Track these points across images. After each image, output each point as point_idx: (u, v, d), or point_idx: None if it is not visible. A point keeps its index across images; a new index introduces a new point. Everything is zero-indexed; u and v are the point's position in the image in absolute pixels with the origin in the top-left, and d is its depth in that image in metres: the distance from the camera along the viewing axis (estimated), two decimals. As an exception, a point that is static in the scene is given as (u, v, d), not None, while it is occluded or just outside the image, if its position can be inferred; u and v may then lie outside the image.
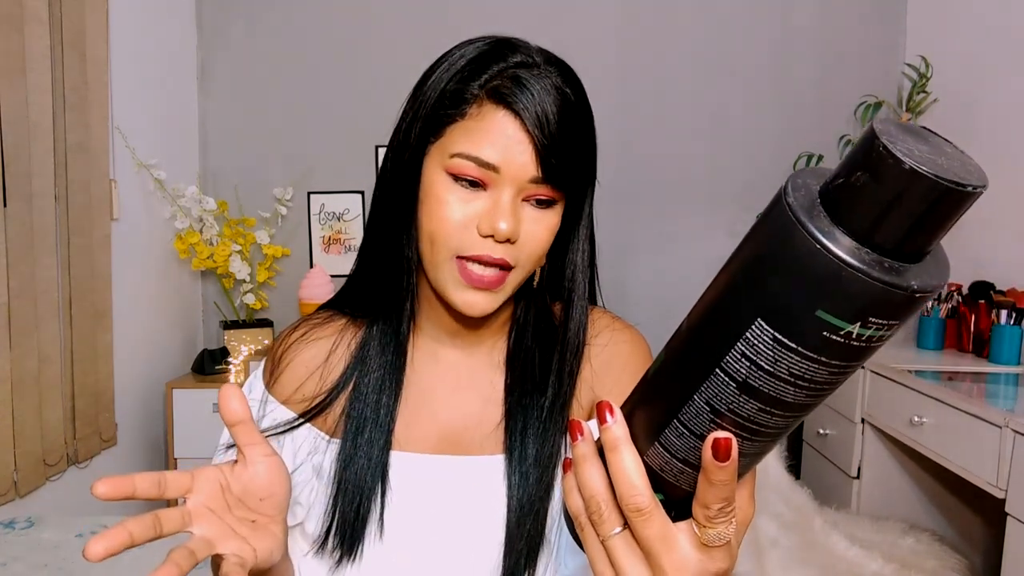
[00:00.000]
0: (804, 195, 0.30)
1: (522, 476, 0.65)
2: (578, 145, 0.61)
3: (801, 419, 0.35)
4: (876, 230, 0.28)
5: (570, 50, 0.72)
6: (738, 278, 0.32)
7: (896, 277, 0.28)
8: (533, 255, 0.62)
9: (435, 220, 0.60)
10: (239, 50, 2.68)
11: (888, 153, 0.27)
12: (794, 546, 1.65)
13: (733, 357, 0.32)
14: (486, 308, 0.62)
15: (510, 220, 0.58)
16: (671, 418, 0.36)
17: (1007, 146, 2.13)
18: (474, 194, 0.60)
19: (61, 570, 1.38)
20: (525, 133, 0.58)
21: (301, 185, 2.68)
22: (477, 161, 0.58)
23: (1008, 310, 1.96)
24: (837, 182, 0.29)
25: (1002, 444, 1.46)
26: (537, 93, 0.58)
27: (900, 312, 0.29)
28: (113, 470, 2.14)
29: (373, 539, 0.65)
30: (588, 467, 0.40)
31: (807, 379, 0.31)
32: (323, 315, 0.73)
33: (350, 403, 0.67)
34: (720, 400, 0.34)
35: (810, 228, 0.29)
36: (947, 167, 0.27)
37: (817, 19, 2.62)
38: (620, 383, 0.70)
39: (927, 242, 0.29)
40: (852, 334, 0.29)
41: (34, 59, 1.71)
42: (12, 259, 1.65)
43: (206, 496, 0.50)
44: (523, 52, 0.60)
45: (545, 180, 0.59)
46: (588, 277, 0.69)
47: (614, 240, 2.68)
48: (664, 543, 0.37)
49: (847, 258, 0.28)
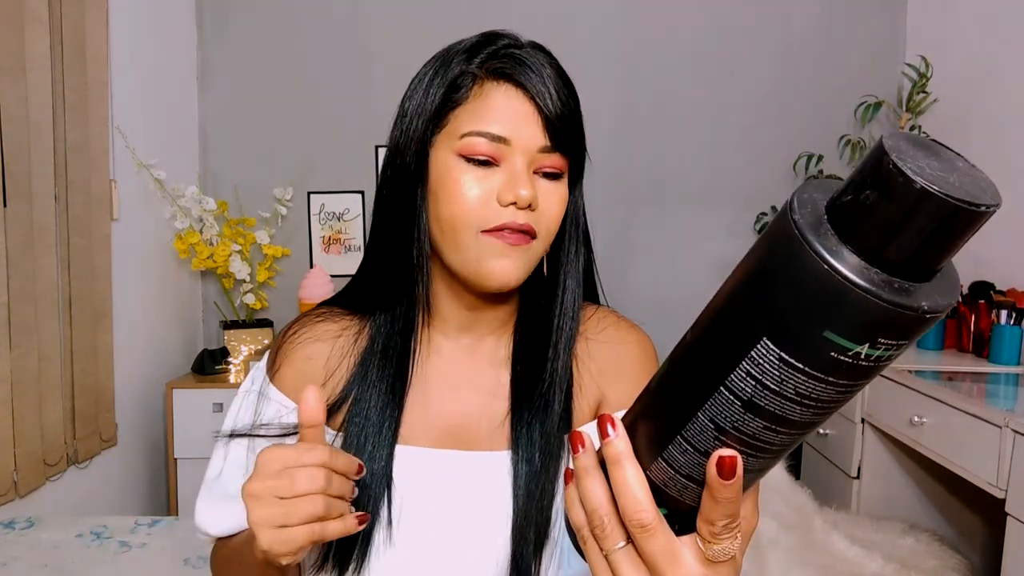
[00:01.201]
0: (810, 212, 0.29)
1: (528, 471, 0.65)
2: (576, 115, 0.64)
3: (807, 435, 0.34)
4: (885, 249, 0.27)
5: (570, 50, 0.73)
6: (743, 295, 0.32)
7: (905, 298, 0.27)
8: (551, 225, 0.64)
9: (455, 201, 0.61)
10: (239, 50, 2.67)
11: (898, 171, 0.26)
12: (794, 546, 1.64)
13: (738, 376, 0.32)
14: (518, 275, 0.62)
15: (529, 187, 0.60)
16: (674, 434, 0.36)
17: (1007, 146, 2.13)
18: (488, 171, 0.61)
19: (61, 570, 1.38)
20: (530, 104, 0.61)
21: (301, 185, 2.67)
22: (488, 136, 0.60)
23: (1008, 310, 1.96)
24: (845, 199, 0.29)
25: (1002, 444, 1.46)
26: (534, 66, 0.61)
27: (909, 332, 0.28)
28: (113, 470, 2.14)
29: (382, 540, 0.65)
30: (590, 480, 0.39)
31: (813, 398, 0.31)
32: (326, 311, 0.73)
33: (354, 406, 0.67)
34: (725, 418, 0.33)
35: (817, 247, 0.28)
36: (959, 184, 0.26)
37: (817, 19, 2.62)
38: (629, 385, 0.70)
39: (937, 261, 0.28)
40: (860, 354, 0.29)
41: (34, 59, 1.71)
42: (12, 259, 1.65)
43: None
44: (510, 38, 0.64)
45: (555, 148, 0.62)
46: (583, 258, 0.70)
47: (614, 240, 2.68)
48: (669, 558, 0.37)
49: (855, 278, 0.27)
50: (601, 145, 2.57)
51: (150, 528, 1.57)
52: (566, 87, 0.63)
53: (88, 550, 1.46)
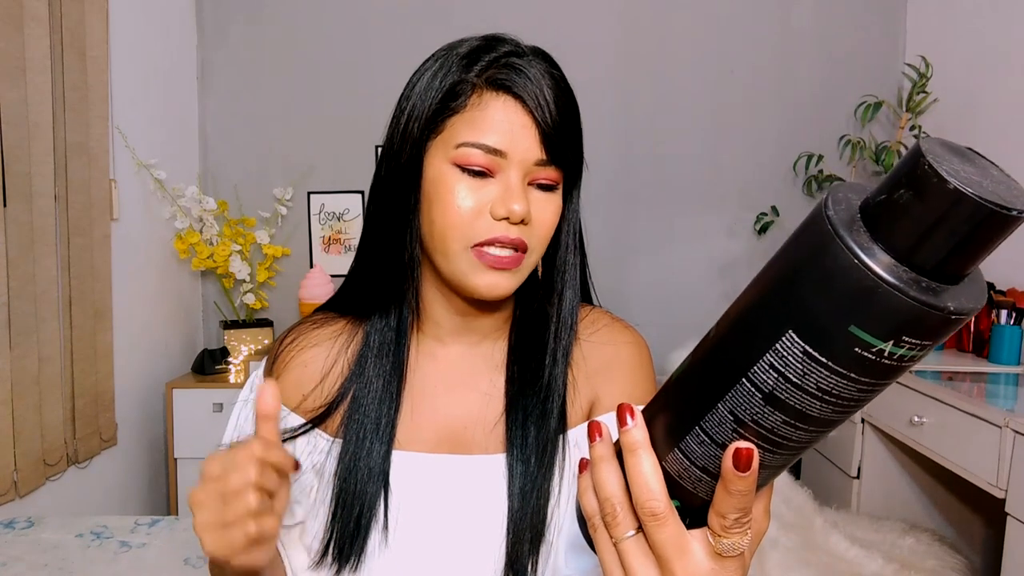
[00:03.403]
0: (844, 209, 0.30)
1: (523, 474, 0.65)
2: (574, 127, 0.63)
3: (825, 435, 0.34)
4: (916, 249, 0.28)
5: (570, 50, 0.73)
6: (772, 288, 0.32)
7: (933, 297, 0.28)
8: (544, 238, 0.64)
9: (447, 211, 0.61)
10: (239, 50, 2.67)
11: (933, 172, 0.27)
12: (794, 546, 1.64)
13: (761, 368, 0.32)
14: (507, 288, 0.62)
15: (523, 201, 0.60)
16: (693, 425, 0.36)
17: (1007, 146, 2.13)
18: (482, 182, 0.61)
19: (61, 570, 1.37)
20: (528, 116, 0.60)
21: (301, 185, 2.68)
22: (484, 148, 0.59)
23: (1008, 310, 1.96)
24: (879, 198, 0.29)
25: (1002, 444, 1.46)
26: (534, 77, 0.60)
27: (934, 333, 0.28)
28: (113, 470, 2.14)
29: (377, 544, 0.65)
30: (605, 468, 0.40)
31: (834, 394, 0.31)
32: (321, 317, 0.73)
33: (350, 410, 0.67)
34: (744, 410, 0.33)
35: (849, 243, 0.28)
36: (992, 190, 0.27)
37: (817, 19, 2.62)
38: (622, 385, 0.70)
39: (967, 264, 0.28)
40: (884, 352, 0.29)
41: (34, 59, 1.71)
42: (12, 259, 1.65)
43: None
44: (511, 44, 0.63)
45: (550, 161, 0.61)
46: (579, 265, 0.70)
47: (614, 240, 2.68)
48: (678, 549, 0.37)
49: (885, 275, 0.28)
50: (601, 145, 2.57)
51: (150, 528, 1.57)
52: (565, 98, 0.62)
53: (88, 550, 1.46)
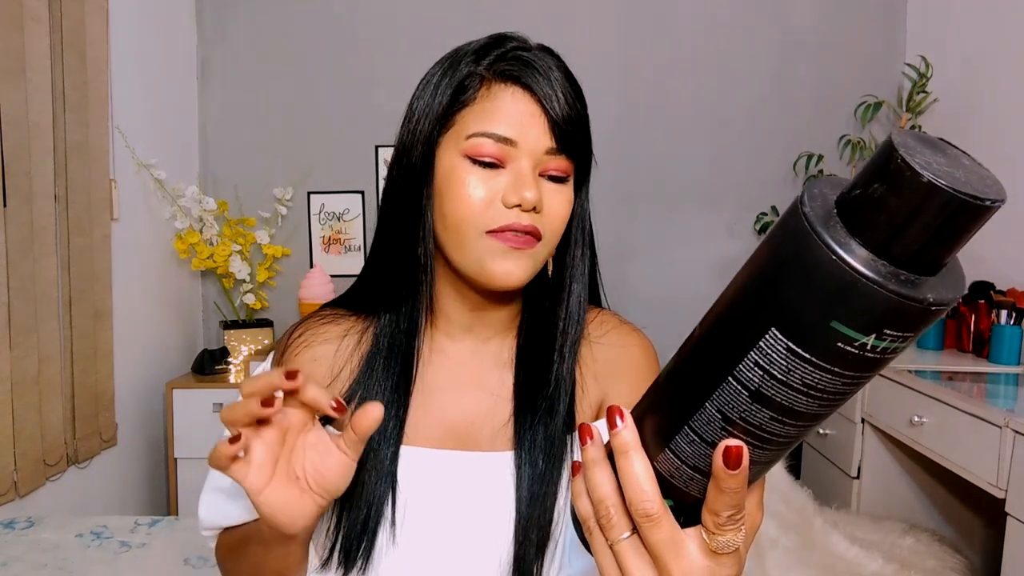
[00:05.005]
0: (820, 205, 0.30)
1: (531, 473, 0.65)
2: (582, 117, 0.64)
3: (813, 428, 0.34)
4: (892, 242, 0.28)
5: (571, 50, 0.73)
6: (752, 286, 0.32)
7: (912, 289, 0.28)
8: (556, 228, 0.64)
9: (460, 202, 0.61)
10: (239, 50, 2.67)
11: (906, 165, 0.27)
12: (794, 546, 1.64)
13: (746, 366, 0.32)
14: (522, 276, 0.62)
15: (534, 188, 0.60)
16: (682, 424, 0.36)
17: (1007, 146, 2.13)
18: (494, 173, 0.61)
19: (61, 570, 1.37)
20: (537, 105, 0.61)
21: (301, 185, 2.68)
22: (495, 137, 0.60)
23: (1008, 310, 1.96)
24: (854, 193, 0.29)
25: (1002, 444, 1.46)
26: (542, 68, 0.61)
27: (915, 324, 0.29)
28: (113, 470, 2.14)
29: (385, 541, 0.65)
30: (597, 471, 0.40)
31: (820, 389, 0.31)
32: (330, 312, 0.73)
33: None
34: (732, 408, 0.34)
35: (826, 238, 0.29)
36: (965, 180, 0.27)
37: (817, 19, 2.62)
38: (630, 386, 0.70)
39: (943, 255, 0.29)
40: (866, 345, 0.29)
41: (34, 59, 1.71)
42: (12, 259, 1.65)
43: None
44: (518, 40, 0.64)
45: (560, 150, 0.62)
46: (588, 262, 0.70)
47: (614, 240, 2.68)
48: (673, 549, 0.37)
49: (863, 269, 0.28)
50: (601, 145, 2.54)
51: (150, 528, 1.57)
52: (573, 90, 0.63)
53: (88, 550, 1.46)
